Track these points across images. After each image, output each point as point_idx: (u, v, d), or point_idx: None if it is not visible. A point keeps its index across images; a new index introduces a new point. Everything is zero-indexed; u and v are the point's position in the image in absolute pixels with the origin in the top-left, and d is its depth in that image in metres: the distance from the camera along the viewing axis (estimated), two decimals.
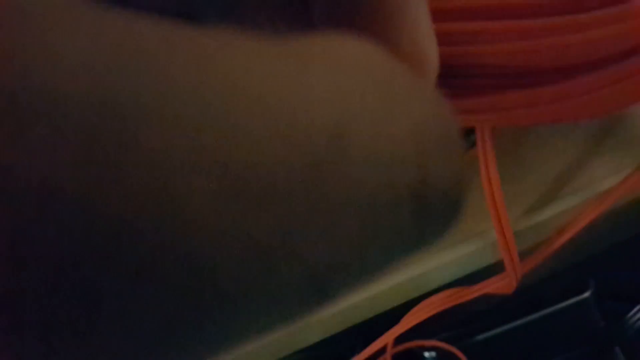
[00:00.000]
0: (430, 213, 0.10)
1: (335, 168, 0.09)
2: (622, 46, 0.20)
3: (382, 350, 0.28)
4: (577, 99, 0.20)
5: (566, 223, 0.26)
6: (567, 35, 0.19)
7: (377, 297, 0.26)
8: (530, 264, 0.25)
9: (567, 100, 0.20)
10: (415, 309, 0.27)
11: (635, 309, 0.32)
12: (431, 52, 0.13)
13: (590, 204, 0.26)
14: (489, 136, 0.21)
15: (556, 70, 0.20)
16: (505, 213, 0.22)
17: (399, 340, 0.28)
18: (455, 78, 0.20)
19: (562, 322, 0.33)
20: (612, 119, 0.28)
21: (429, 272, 0.25)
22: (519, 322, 0.32)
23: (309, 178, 0.08)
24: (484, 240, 0.25)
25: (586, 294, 0.33)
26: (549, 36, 0.19)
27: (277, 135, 0.08)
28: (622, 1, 0.20)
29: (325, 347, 0.28)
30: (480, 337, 0.32)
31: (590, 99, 0.20)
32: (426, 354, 0.32)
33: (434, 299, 0.26)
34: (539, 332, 0.33)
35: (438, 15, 0.20)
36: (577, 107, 0.20)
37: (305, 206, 0.08)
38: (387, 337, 0.27)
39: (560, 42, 0.19)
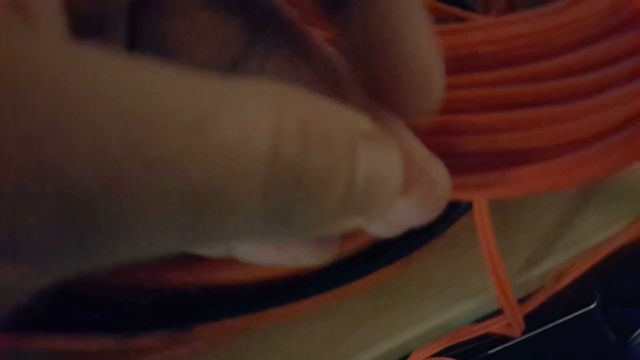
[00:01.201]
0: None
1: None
2: (623, 119, 0.21)
3: None
4: (578, 170, 0.21)
5: (561, 273, 0.27)
6: (570, 122, 0.20)
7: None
8: (527, 308, 0.26)
9: (567, 172, 0.21)
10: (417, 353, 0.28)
11: None
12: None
13: (584, 256, 0.27)
14: (486, 208, 0.22)
15: (559, 146, 0.21)
16: (503, 270, 0.23)
17: None
18: (455, 158, 0.21)
19: (570, 335, 0.33)
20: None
21: (435, 328, 0.26)
22: (526, 337, 0.32)
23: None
24: (487, 295, 0.26)
25: (592, 305, 0.33)
26: (556, 124, 0.20)
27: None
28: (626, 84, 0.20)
29: None
30: (489, 352, 0.33)
31: (587, 169, 0.21)
32: None
33: (435, 344, 0.27)
34: (548, 345, 0.33)
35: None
36: (576, 177, 0.21)
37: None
38: None
39: (567, 127, 0.20)
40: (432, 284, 0.27)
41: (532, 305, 0.26)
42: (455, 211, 0.24)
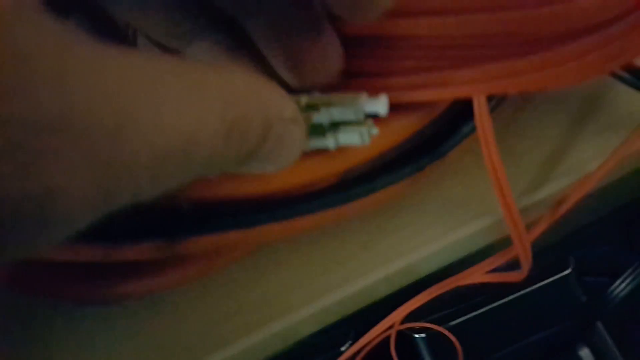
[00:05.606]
0: None
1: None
2: (611, 13, 0.21)
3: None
4: (566, 65, 0.21)
5: (558, 201, 0.27)
6: (559, 4, 0.20)
7: (375, 285, 0.26)
8: (532, 235, 0.26)
9: (557, 67, 0.21)
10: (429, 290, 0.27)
11: (615, 285, 0.32)
12: None
13: (579, 184, 0.27)
14: (484, 104, 0.22)
15: (549, 38, 0.21)
16: (508, 185, 0.23)
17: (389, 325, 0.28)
18: (452, 49, 0.21)
19: (545, 299, 0.33)
20: (593, 107, 0.29)
21: (439, 252, 0.26)
22: (503, 300, 0.32)
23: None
24: (492, 218, 0.26)
25: (567, 271, 0.33)
26: (544, 5, 0.20)
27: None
28: None
29: (319, 337, 0.28)
30: (467, 317, 0.33)
31: (577, 65, 0.21)
32: (416, 336, 0.32)
33: (445, 282, 0.27)
34: (525, 309, 0.33)
35: None
36: (566, 73, 0.21)
37: None
38: (393, 318, 0.27)
39: (554, 10, 0.20)
40: (436, 206, 0.26)
41: (536, 232, 0.26)
42: (459, 133, 0.24)
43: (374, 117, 0.19)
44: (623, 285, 0.32)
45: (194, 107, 0.13)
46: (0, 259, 0.11)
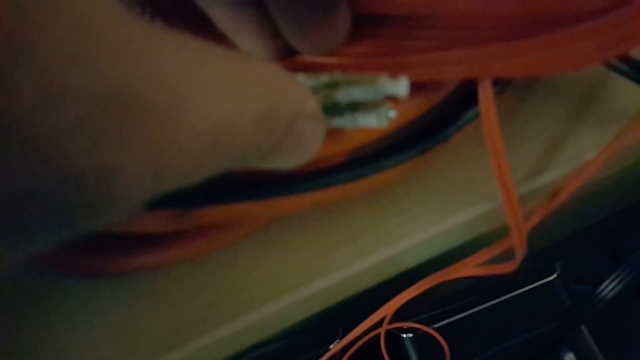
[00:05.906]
0: None
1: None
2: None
3: (366, 332, 0.28)
4: (567, 48, 0.21)
5: (556, 191, 0.27)
6: None
7: (367, 271, 0.26)
8: (529, 224, 0.26)
9: (559, 49, 0.21)
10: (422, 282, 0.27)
11: (599, 289, 0.33)
12: None
13: (576, 173, 0.27)
14: (489, 88, 0.22)
15: (553, 21, 0.21)
16: (508, 170, 0.23)
17: (378, 323, 0.28)
18: (462, 30, 0.21)
19: (531, 302, 0.33)
20: (591, 98, 0.30)
21: (433, 238, 0.26)
22: (491, 303, 0.33)
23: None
24: (490, 204, 0.26)
25: (553, 277, 0.34)
26: None
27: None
28: None
29: (308, 335, 0.28)
30: (455, 318, 0.33)
31: (578, 49, 0.21)
32: (404, 336, 0.32)
33: (439, 273, 0.27)
34: (511, 311, 0.33)
35: None
36: (571, 56, 0.21)
37: None
38: (384, 311, 0.27)
39: None
40: (435, 191, 0.26)
41: (532, 221, 0.26)
42: (463, 118, 0.24)
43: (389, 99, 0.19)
44: (607, 289, 0.32)
45: (234, 95, 0.12)
46: (59, 237, 0.10)
